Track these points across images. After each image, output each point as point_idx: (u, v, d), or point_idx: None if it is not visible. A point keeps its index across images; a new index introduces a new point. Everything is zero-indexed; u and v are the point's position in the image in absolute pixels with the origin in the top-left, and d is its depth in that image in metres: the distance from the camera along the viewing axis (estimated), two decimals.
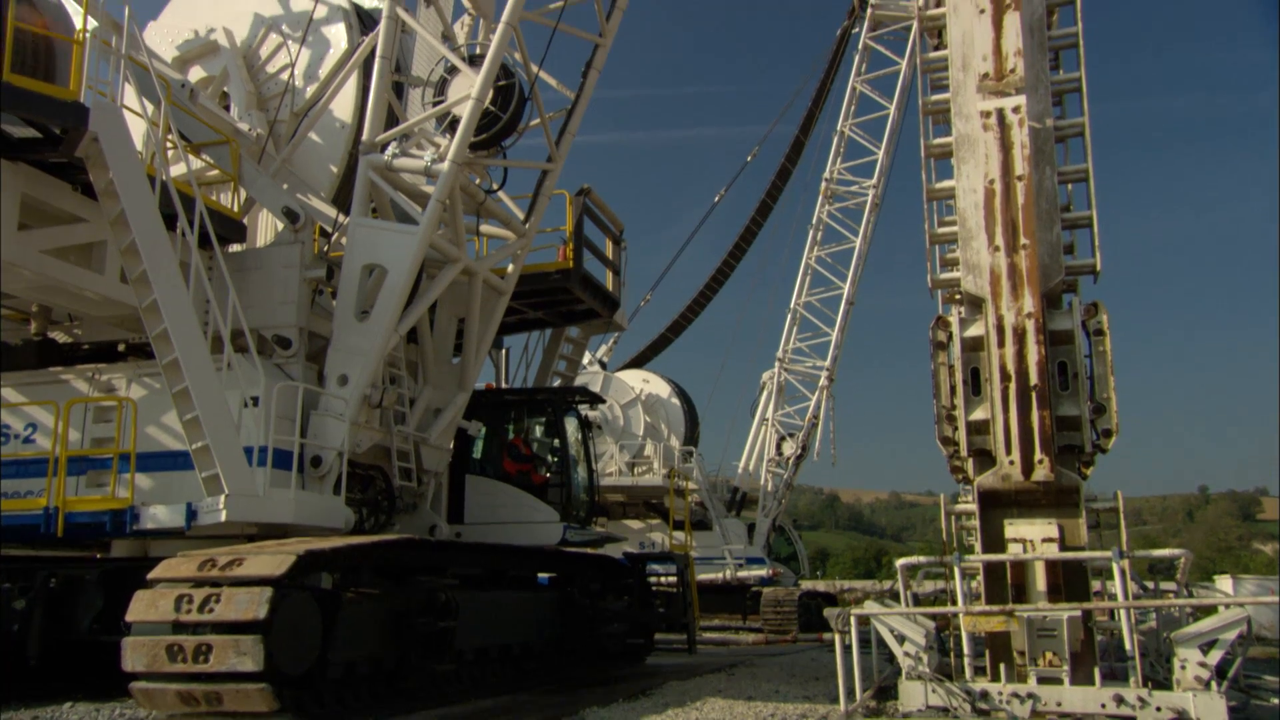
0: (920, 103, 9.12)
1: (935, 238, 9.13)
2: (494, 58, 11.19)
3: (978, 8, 8.36)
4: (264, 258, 11.48)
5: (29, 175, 9.35)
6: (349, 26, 12.21)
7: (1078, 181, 8.71)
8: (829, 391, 28.72)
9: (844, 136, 28.85)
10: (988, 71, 8.28)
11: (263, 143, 11.81)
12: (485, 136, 11.90)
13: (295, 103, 12.00)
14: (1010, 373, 8.07)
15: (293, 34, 12.12)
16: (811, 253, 29.10)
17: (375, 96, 11.26)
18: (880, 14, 28.14)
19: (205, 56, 12.31)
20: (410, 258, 10.95)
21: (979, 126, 8.25)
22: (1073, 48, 8.72)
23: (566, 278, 14.63)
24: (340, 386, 10.70)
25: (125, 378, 10.57)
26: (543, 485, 13.94)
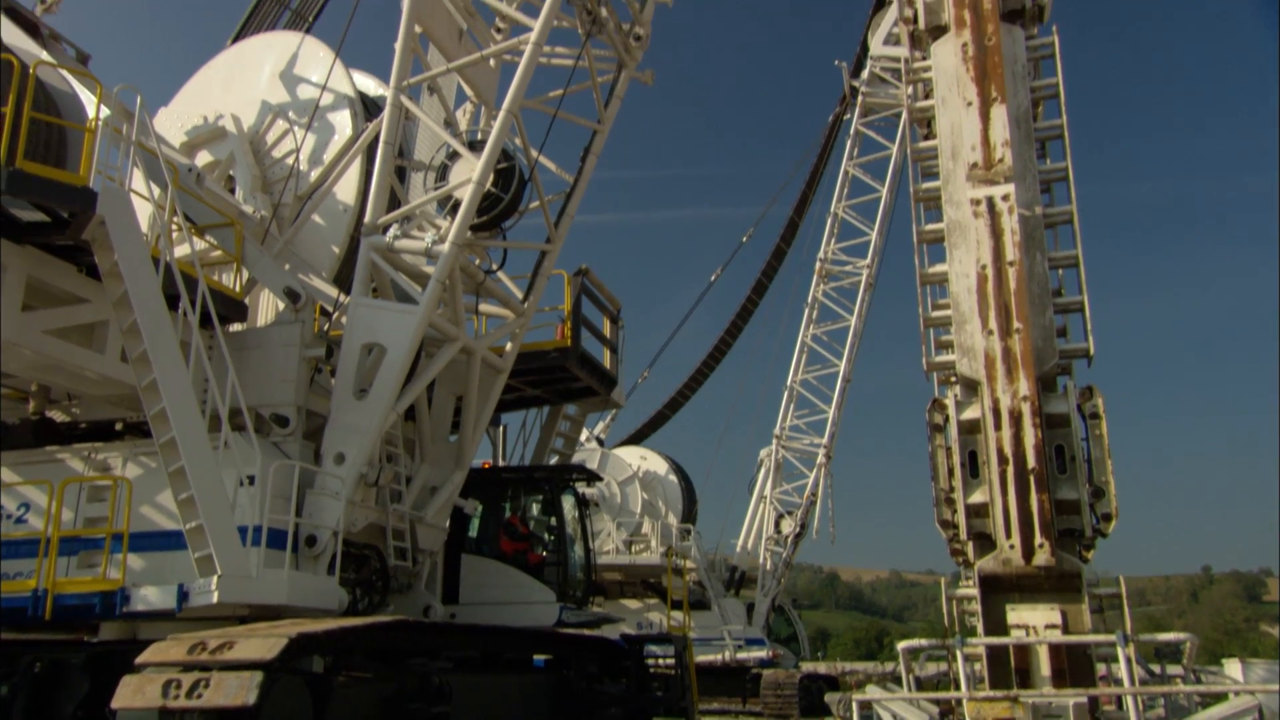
0: (911, 190, 9.34)
1: (929, 321, 9.24)
2: (494, 144, 11.46)
3: (965, 100, 8.63)
4: (264, 337, 11.56)
5: (35, 257, 9.48)
6: (354, 114, 12.53)
7: (1068, 267, 8.86)
8: (827, 469, 28.65)
9: (837, 218, 29.43)
10: (976, 161, 8.50)
11: (266, 224, 12.00)
12: (485, 219, 12.10)
13: (299, 186, 12.23)
14: (1008, 456, 8.08)
15: (299, 120, 12.42)
16: (807, 331, 29.37)
17: (378, 180, 11.49)
18: (871, 102, 29.00)
19: (213, 141, 12.59)
20: (410, 337, 11.03)
21: (970, 213, 8.43)
22: (1058, 138, 8.97)
23: (564, 356, 14.72)
24: (337, 465, 10.67)
25: (121, 457, 10.54)
26: (539, 565, 13.79)
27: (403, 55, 11.42)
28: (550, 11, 11.14)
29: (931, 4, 9.16)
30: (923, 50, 9.33)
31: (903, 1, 9.43)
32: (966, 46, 8.69)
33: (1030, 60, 9.01)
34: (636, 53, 12.87)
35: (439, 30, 11.99)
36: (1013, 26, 8.93)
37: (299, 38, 13.20)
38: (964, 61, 8.69)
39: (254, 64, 13.13)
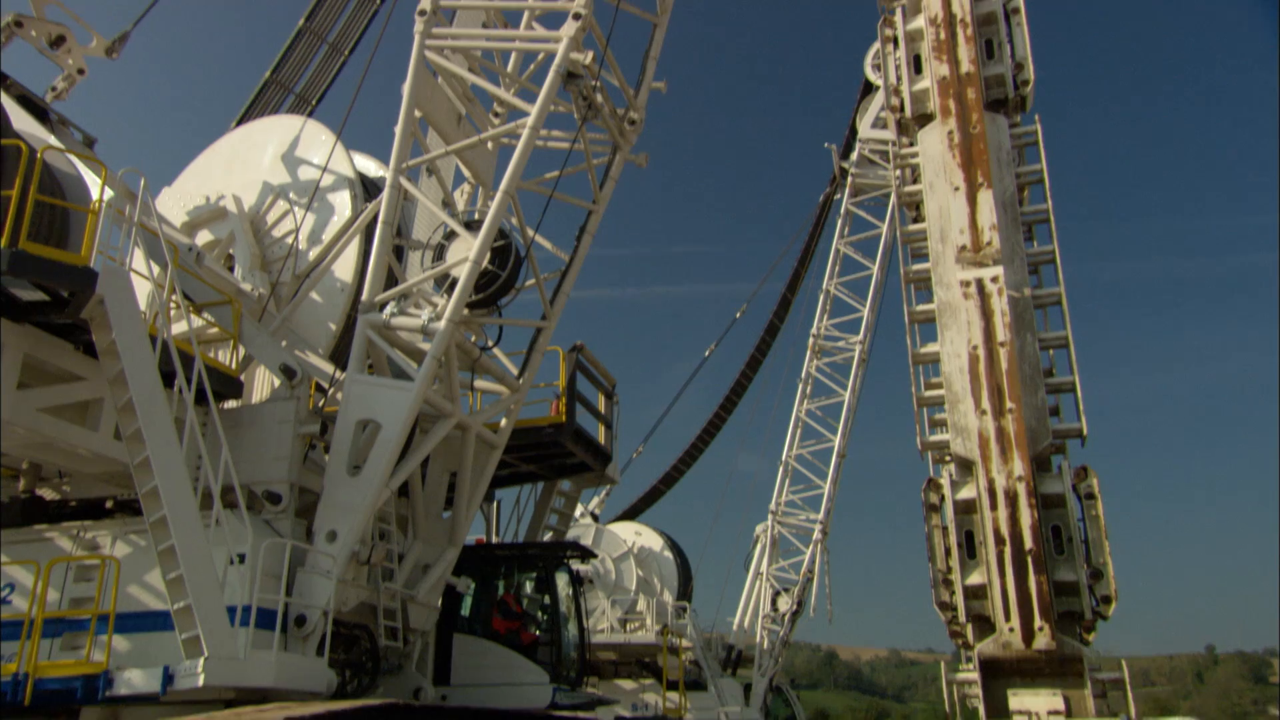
0: (902, 270, 9.50)
1: (923, 400, 9.29)
2: (491, 224, 11.63)
3: (952, 185, 8.84)
4: (259, 413, 11.54)
5: (33, 336, 9.53)
6: (353, 195, 12.75)
7: (1059, 348, 8.96)
8: (823, 545, 28.38)
9: (829, 295, 29.80)
10: (965, 244, 8.67)
11: (264, 302, 12.10)
12: (482, 296, 12.22)
13: (298, 265, 12.38)
14: (1004, 536, 8.05)
15: (299, 200, 12.63)
16: (801, 406, 29.42)
17: (376, 259, 11.63)
18: (860, 182, 29.68)
19: (214, 221, 12.79)
20: (405, 413, 11.03)
21: (960, 295, 8.56)
22: (1044, 222, 9.16)
23: (559, 432, 14.69)
24: (329, 543, 10.56)
25: (111, 535, 10.42)
26: (532, 644, 13.54)
27: (402, 139, 11.67)
28: (547, 97, 11.43)
29: (917, 94, 9.44)
30: (910, 137, 9.59)
31: (889, 90, 9.72)
32: (952, 134, 8.94)
33: (1015, 147, 9.25)
34: (631, 136, 13.16)
35: (438, 115, 12.27)
36: (996, 115, 9.20)
37: (301, 121, 13.51)
38: (950, 148, 8.93)
39: (257, 146, 13.41)
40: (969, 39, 9.19)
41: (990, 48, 9.36)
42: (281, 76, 16.14)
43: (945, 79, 9.13)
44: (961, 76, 9.07)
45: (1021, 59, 9.19)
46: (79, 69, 12.53)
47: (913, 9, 9.78)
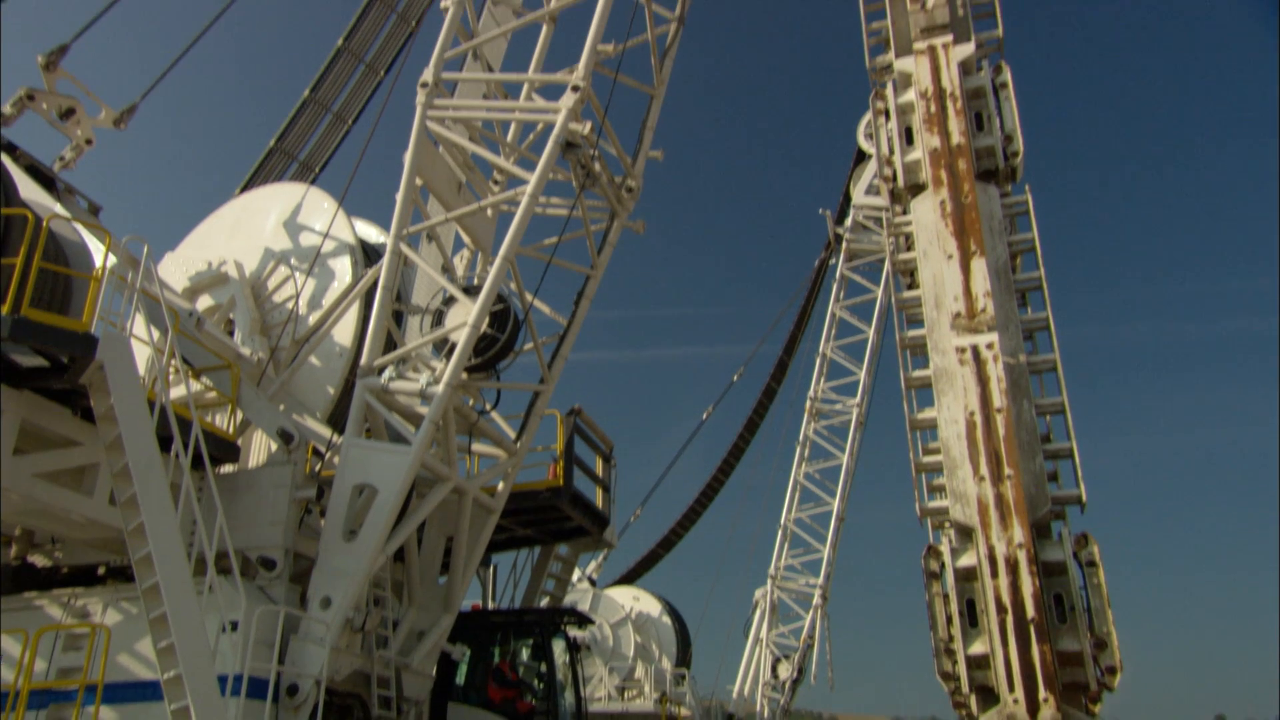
0: (898, 337, 9.57)
1: (921, 466, 9.28)
2: (490, 289, 11.74)
3: (946, 253, 8.96)
4: (255, 478, 11.50)
5: (31, 401, 9.54)
6: (354, 261, 12.89)
7: (1055, 414, 8.99)
8: (824, 610, 28.04)
9: (826, 358, 29.96)
10: (960, 311, 8.76)
11: (264, 366, 12.14)
12: (480, 360, 12.27)
13: (297, 330, 12.45)
14: (1006, 605, 7.97)
15: (300, 266, 12.76)
16: (800, 469, 29.33)
17: (375, 324, 11.71)
18: (855, 248, 30.07)
19: (215, 286, 12.90)
20: (402, 477, 10.98)
21: (955, 361, 8.62)
22: (1037, 289, 9.27)
23: (556, 496, 14.62)
24: (323, 609, 10.43)
25: (102, 603, 10.30)
26: (529, 713, 13.29)
27: (403, 206, 11.84)
28: (546, 166, 11.63)
29: (909, 164, 9.64)
30: (902, 205, 9.76)
31: (881, 160, 9.91)
32: (945, 204, 9.10)
33: (1006, 216, 9.41)
34: (628, 203, 13.36)
35: (439, 182, 12.47)
36: (988, 185, 9.38)
37: (304, 189, 13.72)
38: (943, 217, 9.08)
39: (260, 212, 13.60)
40: (959, 112, 9.41)
41: (980, 120, 9.59)
42: (286, 145, 16.45)
43: (937, 150, 9.32)
44: (952, 148, 9.27)
45: (1010, 131, 9.41)
46: (87, 139, 12.78)
47: (903, 83, 10.03)
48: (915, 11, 9.85)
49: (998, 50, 9.99)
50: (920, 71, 9.64)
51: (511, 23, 13.46)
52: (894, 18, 10.06)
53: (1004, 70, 9.63)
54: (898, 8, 10.03)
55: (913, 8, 9.88)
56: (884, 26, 10.24)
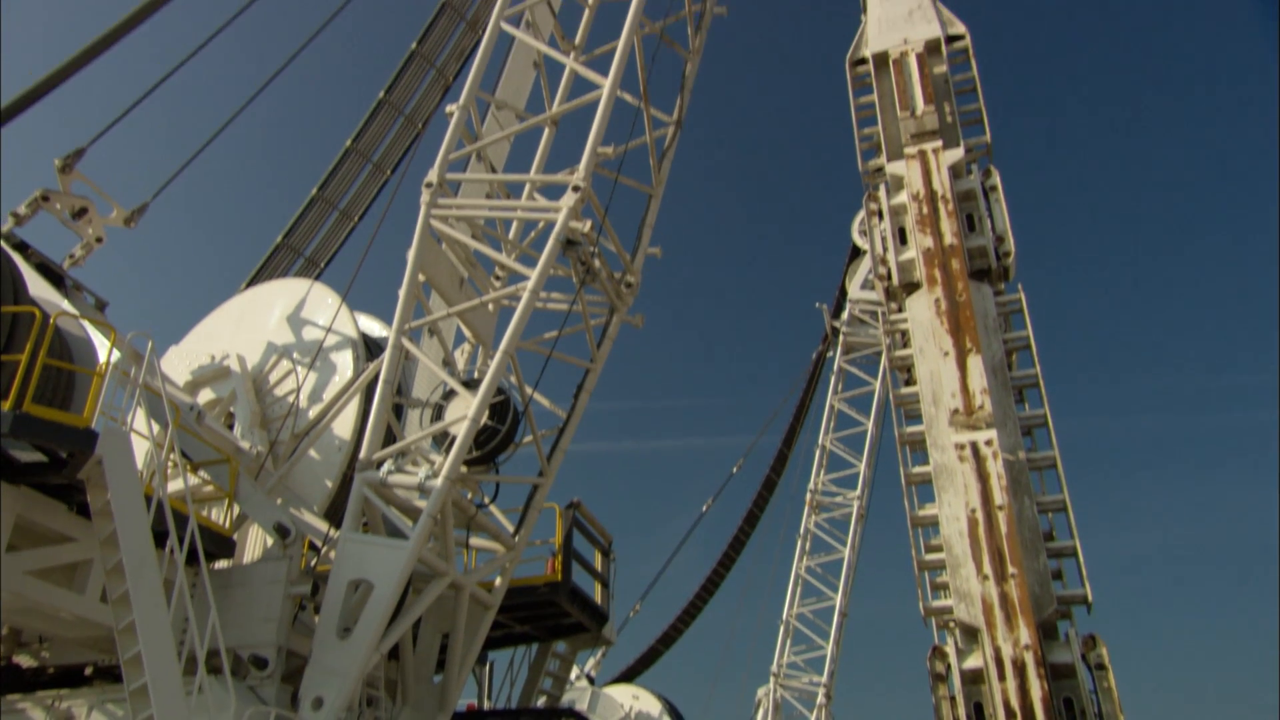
0: (896, 433, 9.60)
1: (923, 564, 9.20)
2: (490, 383, 11.79)
3: (941, 350, 9.07)
4: (250, 574, 11.35)
5: (26, 497, 9.49)
6: (355, 356, 13.00)
7: (1057, 512, 8.95)
8: (828, 710, 27.29)
9: (825, 450, 29.90)
10: (958, 407, 8.81)
11: (262, 460, 12.12)
12: (480, 454, 12.24)
13: (297, 424, 12.47)
14: (1015, 709, 7.80)
15: (302, 360, 12.86)
16: (801, 562, 28.97)
17: (375, 418, 11.72)
18: (852, 341, 30.36)
19: (217, 380, 12.98)
20: (398, 573, 10.83)
21: (955, 458, 8.63)
22: (1034, 386, 9.34)
23: (554, 591, 14.38)
24: (314, 710, 10.14)
25: (87, 704, 10.04)
26: None
27: (406, 301, 12.00)
28: (547, 263, 11.83)
29: (903, 263, 9.84)
30: (898, 302, 9.91)
31: (876, 259, 10.10)
32: (939, 302, 9.25)
33: (1001, 314, 9.55)
34: (628, 298, 13.54)
35: (441, 278, 12.67)
36: (981, 284, 9.55)
37: (308, 284, 13.94)
38: (938, 315, 9.22)
39: (264, 307, 13.77)
40: (950, 214, 9.65)
41: (971, 221, 9.83)
42: (293, 240, 16.76)
43: (930, 250, 9.52)
44: (945, 248, 9.47)
45: (1002, 232, 9.63)
46: (98, 237, 13.04)
47: (895, 185, 10.31)
48: (905, 118, 10.19)
49: (986, 155, 10.30)
50: (912, 175, 9.92)
51: (515, 126, 13.88)
52: (885, 124, 10.42)
53: (993, 174, 9.91)
54: (888, 114, 10.39)
55: (902, 115, 10.23)
56: (875, 132, 10.59)
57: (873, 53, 10.76)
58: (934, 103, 10.11)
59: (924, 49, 10.47)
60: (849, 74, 11.10)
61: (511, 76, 14.84)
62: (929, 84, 10.19)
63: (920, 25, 10.54)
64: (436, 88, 16.75)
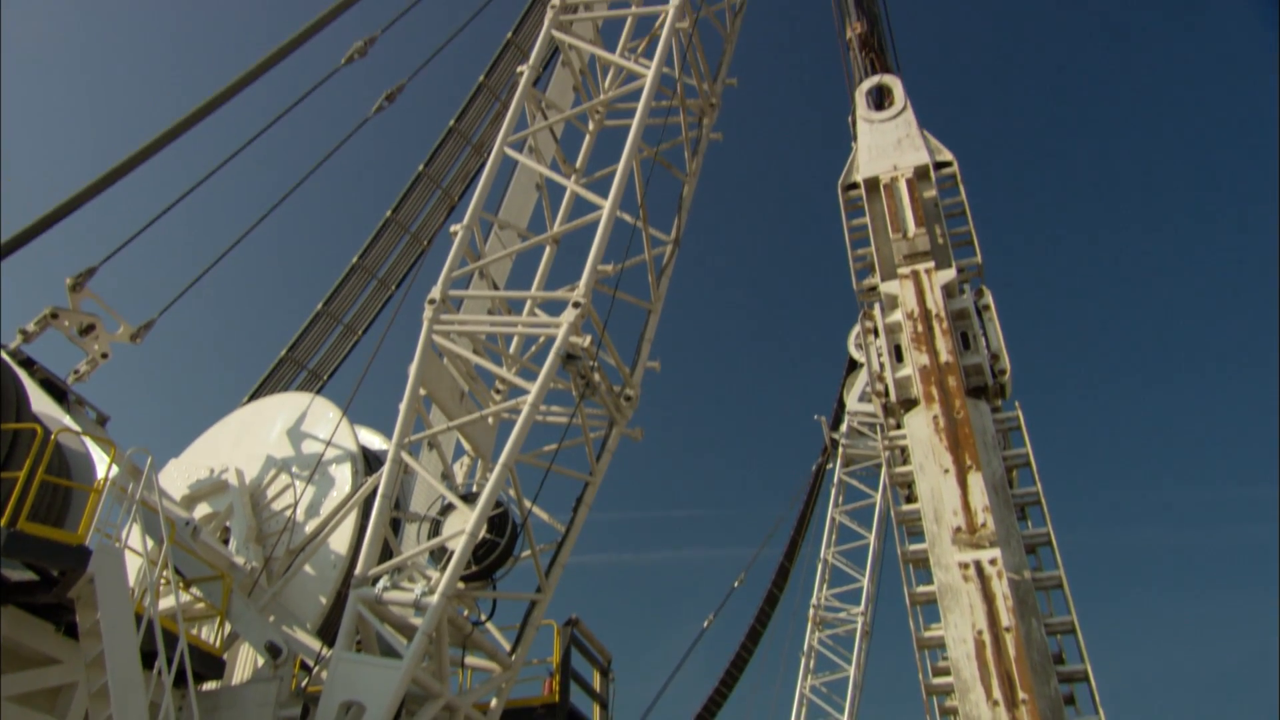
0: (899, 551, 9.51)
1: (931, 688, 8.96)
2: (489, 497, 11.71)
3: (942, 468, 9.07)
4: (239, 696, 11.04)
5: (14, 617, 9.30)
6: (354, 470, 12.98)
7: (1066, 634, 8.78)
8: None
9: (828, 564, 29.43)
10: (960, 525, 8.75)
11: (256, 576, 11.94)
12: (477, 569, 12.07)
13: (293, 539, 12.35)
14: None
15: (301, 474, 12.83)
16: (806, 681, 28.10)
17: (372, 533, 11.59)
18: (851, 453, 30.26)
19: (215, 494, 12.92)
20: (391, 694, 10.51)
21: (959, 577, 8.52)
22: (1036, 504, 9.30)
23: (552, 714, 13.93)
24: None
25: None
26: None
27: (406, 415, 12.04)
28: (547, 377, 11.93)
29: (900, 380, 9.94)
30: (896, 419, 9.97)
31: (873, 376, 10.22)
32: (938, 419, 9.31)
33: (1000, 431, 9.59)
34: (627, 411, 13.59)
35: (442, 392, 12.75)
36: (979, 402, 9.63)
37: (309, 398, 14.02)
38: (937, 432, 9.26)
39: (265, 421, 13.82)
40: (945, 332, 9.82)
41: (966, 339, 9.98)
42: (297, 354, 16.96)
43: (926, 368, 9.64)
44: (941, 365, 9.59)
45: (996, 350, 9.77)
46: (103, 353, 13.21)
47: (890, 304, 10.51)
48: (897, 240, 10.49)
49: (978, 275, 10.56)
50: (905, 294, 10.14)
51: (517, 245, 14.22)
52: (877, 245, 10.72)
53: (985, 294, 10.14)
54: (881, 236, 10.70)
55: (895, 236, 10.53)
56: (869, 253, 10.87)
57: (864, 177, 11.16)
58: (925, 225, 10.43)
59: (913, 174, 10.87)
60: (841, 197, 11.47)
61: (514, 197, 15.30)
62: (919, 207, 10.54)
63: (909, 153, 10.98)
64: (442, 207, 17.25)
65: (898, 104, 11.50)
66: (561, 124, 14.81)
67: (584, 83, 15.17)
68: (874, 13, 13.65)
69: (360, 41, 15.79)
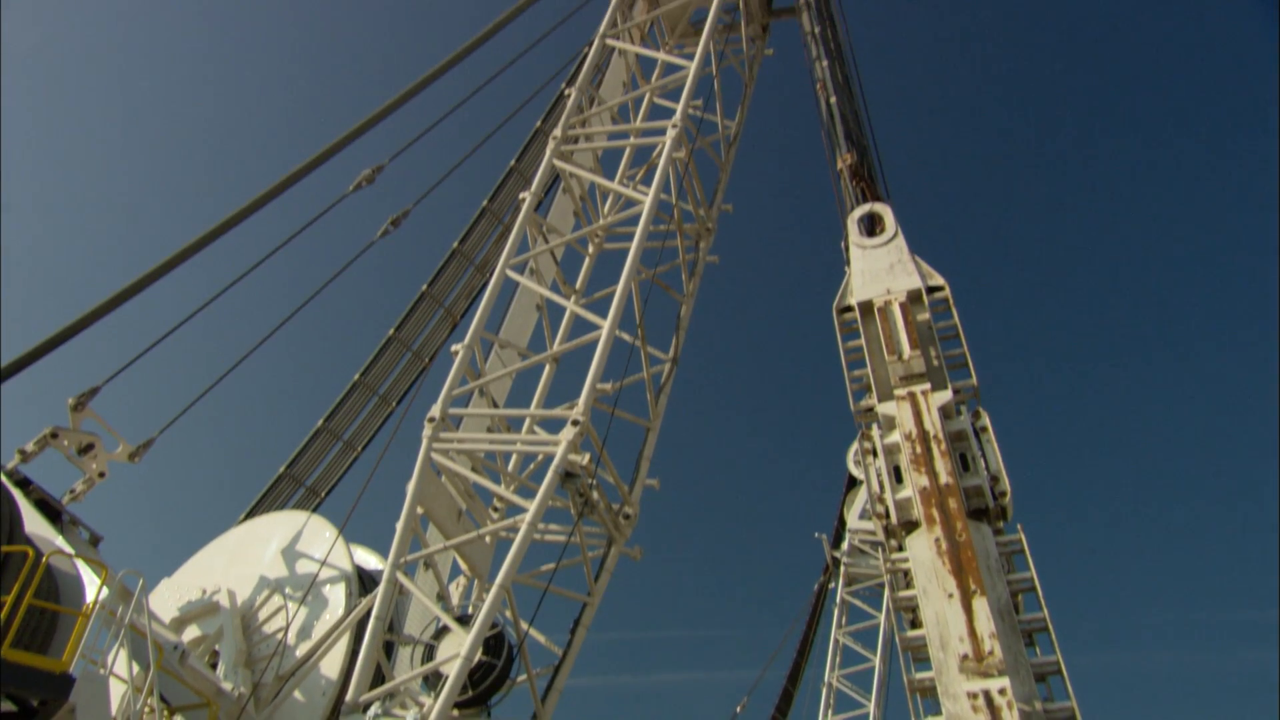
0: (905, 679, 9.24)
1: None
2: (485, 620, 11.46)
3: (946, 592, 8.93)
4: None
5: None
6: (349, 592, 12.77)
7: None
8: None
9: (832, 688, 28.49)
10: (967, 653, 8.55)
11: (244, 703, 11.58)
12: (472, 694, 11.71)
13: (283, 664, 12.04)
14: None
15: (294, 595, 12.60)
16: None
17: (365, 656, 11.30)
18: (853, 572, 29.72)
19: (205, 616, 12.66)
20: None
21: (969, 707, 8.27)
22: (1044, 631, 9.12)
23: None
24: None
25: None
26: None
27: (402, 535, 11.92)
28: (545, 496, 11.86)
29: (901, 502, 9.89)
30: (897, 541, 9.87)
31: (873, 498, 10.18)
32: (939, 541, 9.22)
33: (1003, 555, 9.49)
34: (626, 530, 13.47)
35: (439, 511, 12.67)
36: (980, 524, 9.56)
37: (305, 516, 13.91)
38: (939, 555, 9.15)
39: (260, 540, 13.66)
40: (944, 453, 9.83)
41: (965, 461, 9.98)
42: (295, 470, 16.88)
43: (926, 489, 9.61)
44: (941, 487, 9.56)
45: (996, 472, 9.77)
46: (100, 472, 13.16)
47: (887, 425, 10.56)
48: (893, 362, 10.64)
49: (975, 397, 10.64)
50: (903, 416, 10.20)
51: (517, 364, 14.38)
52: (874, 366, 10.85)
53: (982, 415, 10.20)
54: (876, 358, 10.84)
55: (890, 358, 10.68)
56: (865, 374, 10.99)
57: (858, 301, 11.39)
58: (920, 347, 10.58)
59: (907, 298, 11.10)
60: (836, 320, 11.67)
61: (515, 317, 15.55)
62: (913, 330, 10.71)
63: (902, 277, 11.25)
64: (444, 325, 17.48)
65: (889, 231, 11.85)
66: (562, 247, 15.21)
67: (584, 208, 15.66)
68: (863, 144, 14.20)
69: (369, 170, 16.33)
